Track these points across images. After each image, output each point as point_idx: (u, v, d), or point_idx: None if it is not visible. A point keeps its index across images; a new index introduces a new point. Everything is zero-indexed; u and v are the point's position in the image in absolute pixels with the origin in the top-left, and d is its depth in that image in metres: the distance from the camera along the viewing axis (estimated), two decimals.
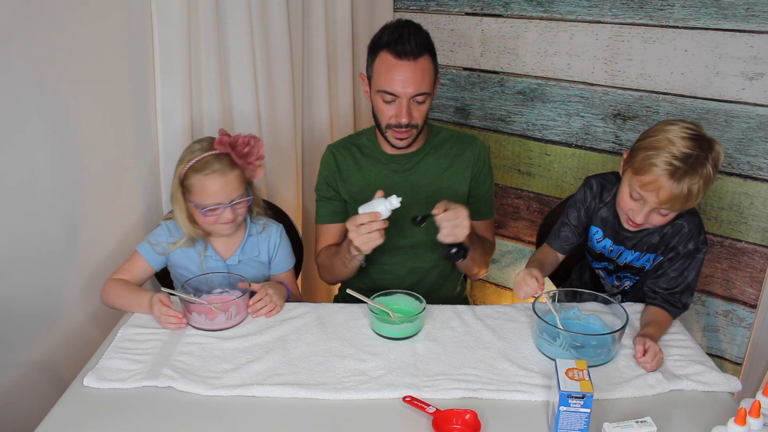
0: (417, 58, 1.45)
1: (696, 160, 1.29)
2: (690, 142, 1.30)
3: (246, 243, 1.57)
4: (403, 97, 1.48)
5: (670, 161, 1.29)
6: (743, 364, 1.99)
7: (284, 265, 1.65)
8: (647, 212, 1.36)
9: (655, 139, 1.34)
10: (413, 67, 1.45)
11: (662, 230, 1.45)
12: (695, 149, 1.29)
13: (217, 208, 1.45)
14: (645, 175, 1.32)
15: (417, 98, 1.49)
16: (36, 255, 1.47)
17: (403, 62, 1.45)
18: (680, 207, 1.33)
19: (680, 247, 1.44)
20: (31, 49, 1.36)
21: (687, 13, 1.83)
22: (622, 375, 1.26)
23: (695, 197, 1.31)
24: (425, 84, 1.48)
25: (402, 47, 1.44)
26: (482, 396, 1.20)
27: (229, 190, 1.45)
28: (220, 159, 1.44)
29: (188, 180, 1.45)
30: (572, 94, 2.12)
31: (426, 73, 1.47)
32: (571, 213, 1.56)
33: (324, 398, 1.19)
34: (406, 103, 1.49)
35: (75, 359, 1.44)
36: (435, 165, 1.63)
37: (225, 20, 1.78)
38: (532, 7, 2.12)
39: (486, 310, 1.50)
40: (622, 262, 1.55)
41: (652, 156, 1.31)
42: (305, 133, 2.22)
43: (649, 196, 1.33)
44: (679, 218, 1.43)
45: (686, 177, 1.29)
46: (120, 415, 1.14)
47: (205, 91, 1.79)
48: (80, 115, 1.52)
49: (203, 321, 1.38)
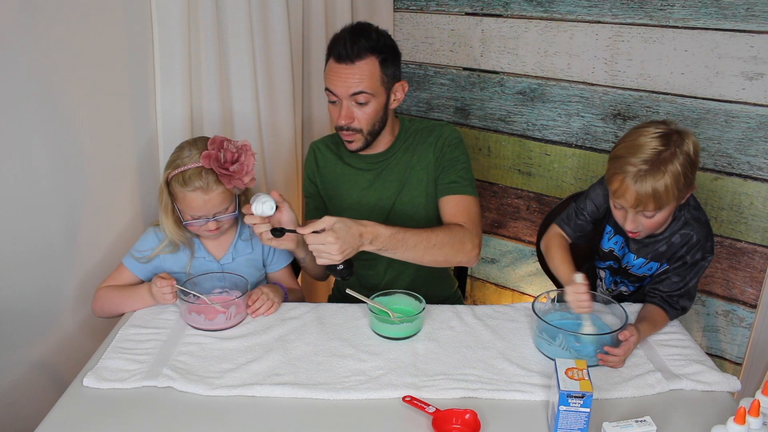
0: (354, 60, 1.46)
1: (658, 158, 1.29)
2: (655, 141, 1.31)
3: (237, 242, 1.56)
4: (342, 97, 1.49)
5: (630, 165, 1.31)
6: (743, 364, 1.99)
7: (280, 263, 1.63)
8: (632, 218, 1.37)
9: (620, 146, 1.37)
10: (350, 69, 1.46)
11: (670, 239, 1.44)
12: (659, 147, 1.30)
13: (199, 219, 1.44)
14: (612, 184, 1.36)
15: (357, 98, 1.48)
16: (36, 255, 1.47)
17: (341, 65, 1.47)
18: (656, 206, 1.32)
19: (688, 257, 1.43)
20: (31, 50, 1.36)
21: (687, 13, 1.83)
22: (622, 375, 1.26)
23: (666, 194, 1.30)
24: (363, 84, 1.47)
25: (339, 50, 1.47)
26: (482, 396, 1.20)
27: (211, 206, 1.42)
28: (204, 174, 1.39)
29: (172, 187, 1.43)
30: (572, 94, 2.12)
31: (365, 75, 1.47)
32: (589, 205, 1.55)
33: (324, 398, 1.19)
34: (346, 105, 1.50)
35: (75, 359, 1.44)
36: (404, 159, 1.63)
37: (225, 20, 1.78)
38: (532, 7, 2.12)
39: (486, 310, 1.50)
40: (625, 264, 1.55)
41: (617, 163, 1.34)
42: (305, 132, 2.22)
43: (622, 203, 1.35)
44: (687, 227, 1.42)
45: (648, 177, 1.29)
46: (120, 415, 1.14)
47: (205, 91, 1.79)
48: (80, 116, 1.52)
49: (203, 321, 1.39)
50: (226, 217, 1.46)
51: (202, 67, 1.77)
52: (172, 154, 1.46)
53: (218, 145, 1.40)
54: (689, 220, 1.43)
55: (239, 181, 1.41)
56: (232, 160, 1.40)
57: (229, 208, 1.46)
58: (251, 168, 1.43)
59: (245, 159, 1.42)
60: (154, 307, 1.47)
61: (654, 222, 1.37)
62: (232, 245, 1.55)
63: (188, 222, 1.45)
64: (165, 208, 1.45)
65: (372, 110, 1.51)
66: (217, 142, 1.40)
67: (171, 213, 1.46)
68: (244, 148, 1.43)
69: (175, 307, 1.47)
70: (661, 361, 1.31)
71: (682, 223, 1.43)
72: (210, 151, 1.39)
